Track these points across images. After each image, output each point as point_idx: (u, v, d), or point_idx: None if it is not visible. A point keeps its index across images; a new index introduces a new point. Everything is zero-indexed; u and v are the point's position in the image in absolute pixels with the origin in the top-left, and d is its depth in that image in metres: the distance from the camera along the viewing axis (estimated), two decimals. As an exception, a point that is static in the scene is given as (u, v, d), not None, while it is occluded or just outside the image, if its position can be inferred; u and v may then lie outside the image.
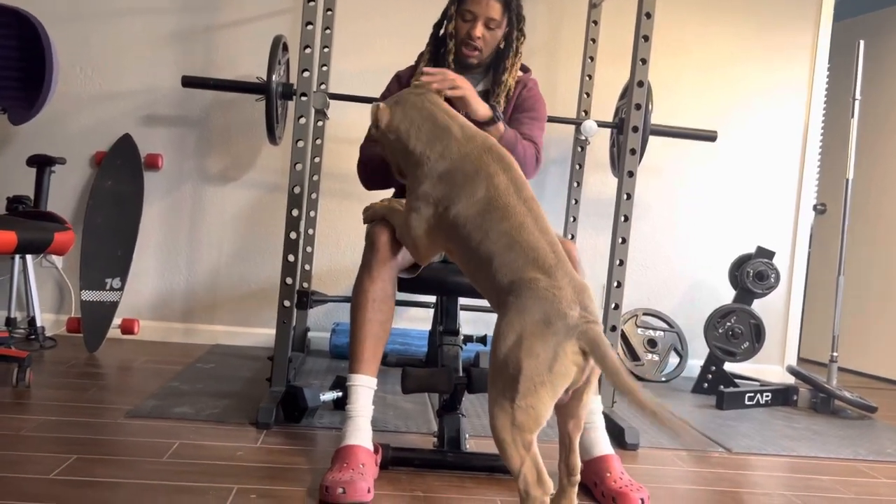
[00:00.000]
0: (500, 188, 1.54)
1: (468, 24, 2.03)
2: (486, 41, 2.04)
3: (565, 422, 1.45)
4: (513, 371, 1.32)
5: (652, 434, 2.37)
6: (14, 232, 2.20)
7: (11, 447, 1.77)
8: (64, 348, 2.98)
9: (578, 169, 3.27)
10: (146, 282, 3.34)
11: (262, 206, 3.38)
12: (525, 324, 1.34)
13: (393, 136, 1.69)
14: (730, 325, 3.16)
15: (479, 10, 2.01)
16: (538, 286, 1.38)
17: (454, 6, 2.06)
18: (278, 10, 3.36)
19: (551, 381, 1.31)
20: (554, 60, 3.48)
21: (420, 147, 1.64)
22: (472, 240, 1.51)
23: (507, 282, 1.43)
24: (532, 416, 1.31)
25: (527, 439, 1.33)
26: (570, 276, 1.42)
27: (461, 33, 2.04)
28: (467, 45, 2.04)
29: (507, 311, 1.38)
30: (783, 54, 3.61)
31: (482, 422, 2.34)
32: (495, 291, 1.47)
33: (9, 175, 3.22)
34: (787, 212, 3.65)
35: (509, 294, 1.41)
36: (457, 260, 1.61)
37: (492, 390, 1.36)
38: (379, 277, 1.77)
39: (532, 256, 1.44)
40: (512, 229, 1.48)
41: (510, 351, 1.33)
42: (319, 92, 2.77)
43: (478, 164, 1.57)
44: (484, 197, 1.53)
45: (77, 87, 3.29)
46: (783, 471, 2.13)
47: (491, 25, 2.03)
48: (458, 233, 1.54)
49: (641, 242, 3.56)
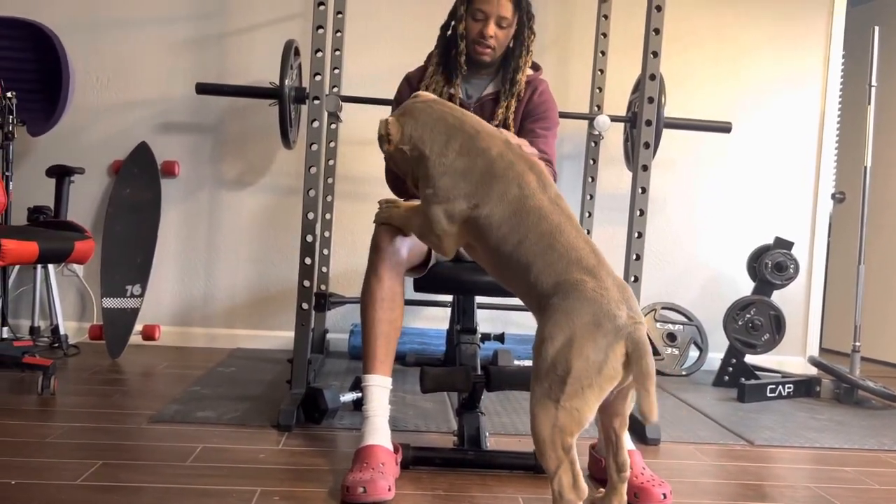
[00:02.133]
0: (532, 187, 1.52)
1: (480, 24, 2.03)
2: (499, 40, 2.04)
3: (610, 420, 1.44)
4: (561, 372, 1.31)
5: (673, 429, 2.36)
6: (35, 242, 2.23)
7: (38, 454, 1.80)
8: (87, 355, 3.02)
9: (592, 164, 3.26)
10: (166, 288, 3.37)
11: (278, 209, 3.41)
12: (574, 326, 1.32)
13: (408, 147, 1.64)
14: (749, 317, 3.13)
15: (491, 9, 2.01)
16: (585, 287, 1.37)
17: (464, 6, 2.05)
18: (289, 14, 3.38)
19: (599, 383, 1.30)
20: (565, 56, 3.47)
21: (437, 147, 1.60)
22: (509, 241, 1.49)
23: (551, 283, 1.41)
24: (576, 419, 1.30)
25: (567, 441, 1.32)
26: (612, 275, 1.41)
27: (473, 33, 2.04)
28: (480, 44, 2.04)
29: (554, 313, 1.36)
30: (797, 43, 3.58)
31: (501, 420, 2.35)
32: (535, 293, 1.44)
33: (29, 186, 3.26)
34: (805, 201, 3.61)
35: (553, 296, 1.39)
36: (481, 257, 1.59)
37: (536, 389, 1.34)
38: (385, 277, 1.78)
39: (574, 257, 1.42)
40: (552, 230, 1.46)
41: (559, 353, 1.32)
42: (332, 95, 2.78)
43: (503, 162, 1.55)
44: (517, 196, 1.51)
45: (93, 97, 3.33)
46: (807, 463, 2.11)
47: (502, 24, 2.03)
48: (491, 233, 1.51)
49: (658, 236, 3.54)
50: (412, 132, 1.64)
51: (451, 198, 1.56)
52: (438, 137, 1.61)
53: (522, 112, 2.11)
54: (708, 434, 2.34)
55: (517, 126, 2.10)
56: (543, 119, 2.11)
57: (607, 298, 1.34)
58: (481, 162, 1.56)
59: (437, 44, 2.13)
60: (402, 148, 1.65)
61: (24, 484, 1.60)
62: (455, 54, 2.07)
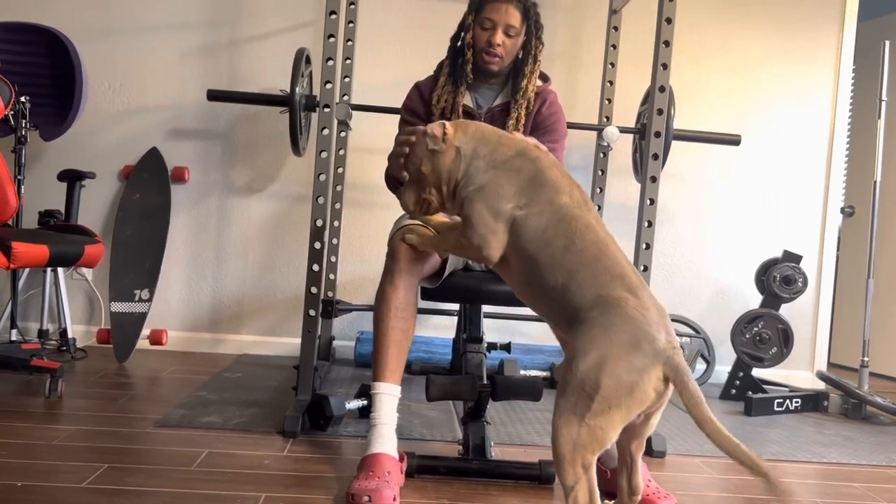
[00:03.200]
0: (578, 201, 1.51)
1: (487, 32, 2.03)
2: (506, 48, 2.04)
3: (629, 441, 1.42)
4: (589, 389, 1.28)
5: (679, 441, 2.35)
6: (46, 245, 2.25)
7: (45, 456, 1.80)
8: (94, 359, 3.03)
9: (601, 175, 3.26)
10: (174, 293, 3.39)
11: (287, 216, 3.42)
12: (611, 343, 1.29)
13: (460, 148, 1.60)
14: (757, 330, 3.12)
15: (499, 17, 2.01)
16: (627, 305, 1.34)
17: (472, 15, 2.07)
18: (301, 23, 3.40)
19: (628, 405, 1.27)
20: (575, 67, 3.48)
21: (487, 151, 1.58)
22: (552, 246, 1.45)
23: (592, 296, 1.38)
24: (598, 438, 1.28)
25: (587, 459, 1.29)
26: (653, 298, 1.39)
27: (481, 41, 2.05)
28: (488, 53, 2.04)
29: (592, 327, 1.33)
30: (807, 56, 3.58)
31: (507, 429, 2.34)
32: (572, 306, 1.40)
33: (41, 190, 3.29)
34: (815, 215, 3.60)
35: (592, 309, 1.36)
36: (514, 267, 1.53)
37: (562, 403, 1.31)
38: (401, 286, 1.78)
39: (619, 272, 1.40)
40: (599, 241, 1.44)
41: (590, 369, 1.28)
42: (342, 103, 2.80)
43: (553, 173, 1.54)
44: (566, 204, 1.49)
45: (105, 102, 3.36)
46: (814, 478, 2.09)
47: (510, 33, 2.03)
48: (534, 237, 1.47)
49: (666, 248, 3.54)
50: (463, 138, 1.62)
51: (499, 194, 1.52)
52: (489, 144, 1.60)
53: (532, 124, 2.11)
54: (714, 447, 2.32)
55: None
56: (552, 132, 2.11)
57: (648, 320, 1.32)
58: (530, 167, 1.54)
59: (448, 54, 2.14)
60: (456, 146, 1.60)
61: (30, 486, 1.61)
62: (462, 63, 2.08)
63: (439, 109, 2.09)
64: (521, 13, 2.03)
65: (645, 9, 3.38)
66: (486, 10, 2.03)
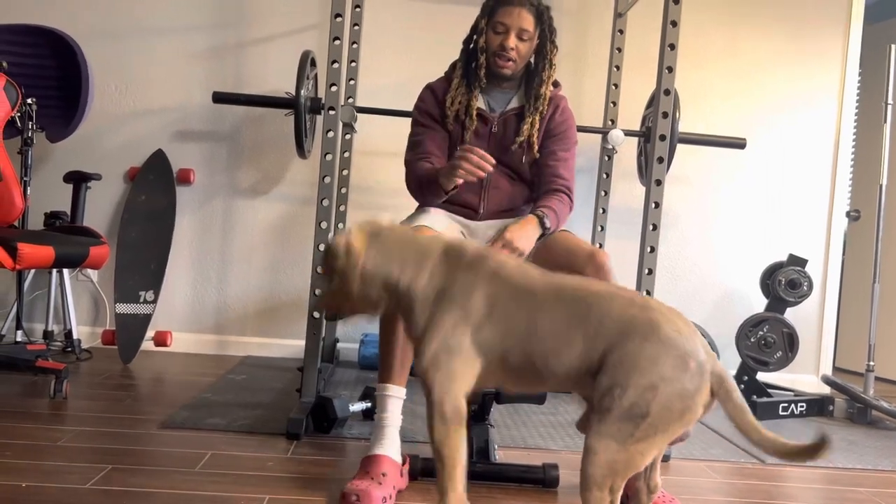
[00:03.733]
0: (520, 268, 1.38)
1: (501, 36, 2.02)
2: (520, 52, 2.03)
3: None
4: (637, 417, 1.21)
5: (683, 445, 2.34)
6: (51, 247, 2.25)
7: (49, 457, 1.81)
8: (99, 360, 3.04)
9: (606, 178, 3.25)
10: (179, 294, 3.40)
11: (292, 218, 3.42)
12: (662, 372, 1.21)
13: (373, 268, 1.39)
14: (762, 334, 3.11)
15: (512, 21, 2.00)
16: (661, 327, 1.25)
17: (485, 20, 2.06)
18: (306, 25, 3.41)
19: (675, 429, 1.22)
20: (580, 70, 3.48)
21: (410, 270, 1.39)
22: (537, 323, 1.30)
23: (614, 330, 1.26)
24: (635, 463, 1.22)
25: (618, 483, 1.23)
26: (664, 304, 1.31)
27: (493, 45, 2.04)
28: (501, 57, 2.03)
29: (637, 360, 1.22)
30: (813, 60, 3.57)
31: (510, 432, 2.34)
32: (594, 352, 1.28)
33: (47, 191, 3.30)
34: (820, 219, 3.59)
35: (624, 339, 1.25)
36: (514, 362, 1.33)
37: (602, 428, 1.22)
38: None
39: (622, 294, 1.30)
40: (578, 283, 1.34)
41: (640, 397, 1.21)
42: (347, 106, 2.80)
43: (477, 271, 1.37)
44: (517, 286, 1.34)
45: (111, 104, 3.37)
46: (819, 483, 2.09)
47: (523, 37, 2.02)
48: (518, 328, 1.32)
49: (671, 251, 3.53)
50: (377, 254, 1.39)
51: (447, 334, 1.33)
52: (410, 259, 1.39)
53: (544, 130, 2.11)
54: (719, 451, 2.32)
55: (539, 143, 2.10)
56: (564, 139, 2.11)
57: (683, 334, 1.25)
58: (460, 281, 1.36)
59: (461, 57, 2.13)
60: (366, 269, 1.38)
61: (35, 487, 1.61)
62: (475, 67, 2.07)
63: (453, 112, 2.08)
64: (534, 17, 2.02)
65: (650, 12, 3.38)
66: (498, 13, 2.02)
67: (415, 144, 2.11)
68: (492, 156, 2.07)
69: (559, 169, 2.07)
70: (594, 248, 1.90)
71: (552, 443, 2.26)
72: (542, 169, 2.10)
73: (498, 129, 2.09)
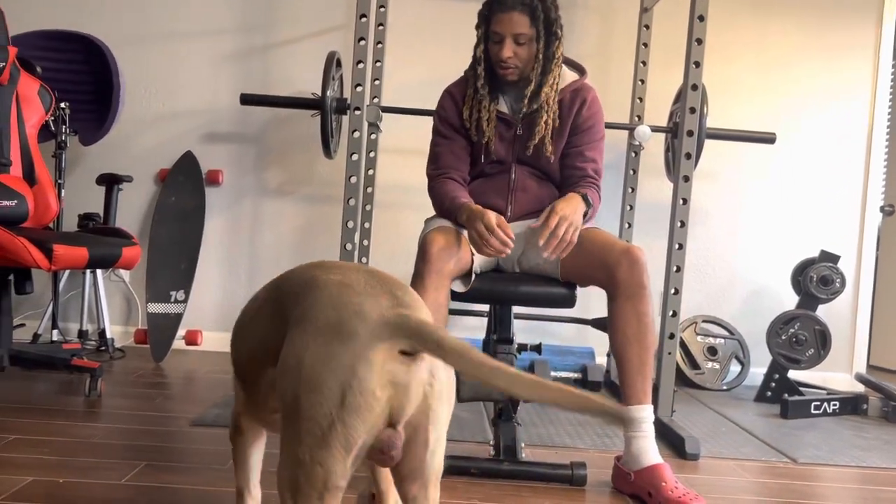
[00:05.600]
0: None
1: (497, 46, 1.96)
2: (520, 57, 1.96)
3: (402, 482, 1.00)
4: (291, 412, 0.92)
5: (713, 444, 2.32)
6: (85, 248, 2.30)
7: (85, 454, 1.85)
8: (132, 359, 3.10)
9: (633, 174, 3.23)
10: (209, 294, 3.44)
11: (319, 218, 3.45)
12: (305, 339, 0.91)
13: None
14: (793, 331, 3.07)
15: (505, 28, 1.93)
16: (324, 284, 0.98)
17: (482, 29, 2.00)
18: (332, 26, 3.43)
19: (344, 421, 0.89)
20: (606, 66, 3.46)
21: None
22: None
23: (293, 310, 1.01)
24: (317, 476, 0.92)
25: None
26: (361, 266, 1.06)
27: (494, 55, 1.97)
28: (501, 67, 1.97)
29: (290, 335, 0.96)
30: (844, 52, 3.51)
31: (538, 431, 2.34)
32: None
33: (80, 193, 3.36)
34: (853, 214, 3.53)
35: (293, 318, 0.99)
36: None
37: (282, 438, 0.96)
38: (431, 287, 1.79)
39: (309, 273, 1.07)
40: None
41: (287, 386, 0.92)
42: (372, 106, 2.82)
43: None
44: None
45: (141, 107, 3.43)
46: (852, 482, 2.05)
47: (521, 41, 1.94)
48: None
49: (699, 248, 3.49)
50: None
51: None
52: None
53: (570, 125, 2.04)
54: (749, 450, 2.29)
55: (563, 140, 2.04)
56: (591, 131, 2.04)
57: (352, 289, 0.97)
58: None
59: (470, 67, 2.07)
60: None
61: (72, 483, 1.65)
62: (483, 76, 2.01)
63: (472, 124, 2.02)
64: (528, 17, 1.93)
65: (677, 6, 3.35)
66: (493, 22, 1.95)
67: (435, 157, 2.07)
68: (517, 157, 2.05)
69: (588, 169, 2.03)
70: (629, 245, 1.86)
71: (580, 441, 2.26)
72: (569, 169, 2.05)
73: (523, 132, 2.05)
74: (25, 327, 3.28)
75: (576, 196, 1.93)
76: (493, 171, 2.06)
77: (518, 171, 2.05)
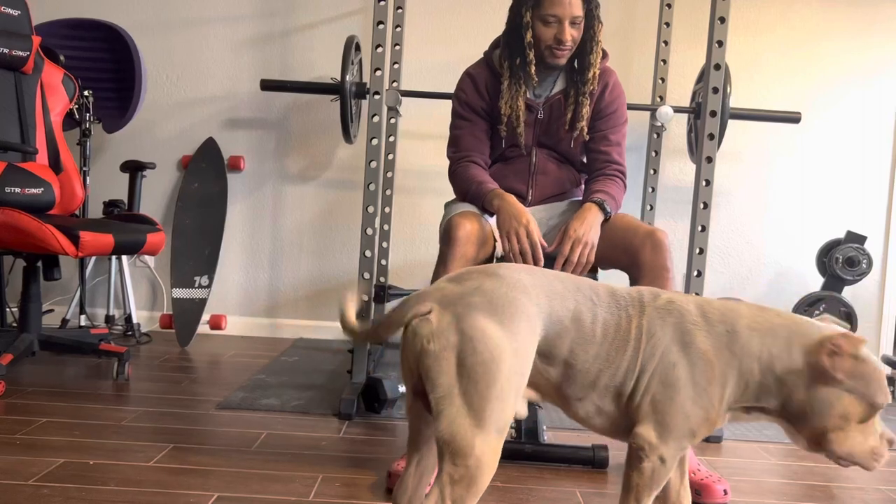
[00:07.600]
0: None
1: (553, 28, 1.92)
2: (575, 40, 1.95)
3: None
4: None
5: (736, 426, 2.31)
6: (111, 234, 2.33)
7: (114, 436, 1.89)
8: (158, 343, 3.15)
9: (655, 156, 3.20)
10: (232, 279, 3.48)
11: (340, 203, 3.47)
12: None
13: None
14: (818, 313, 3.03)
15: (563, 11, 1.90)
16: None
17: (529, 12, 1.95)
18: (350, 10, 3.43)
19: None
20: (628, 46, 3.42)
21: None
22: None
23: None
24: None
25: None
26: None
27: (546, 38, 1.94)
28: (558, 48, 1.94)
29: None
30: (873, 28, 3.43)
31: (559, 413, 2.34)
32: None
33: (105, 181, 3.41)
34: (881, 195, 3.47)
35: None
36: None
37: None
38: (454, 270, 1.79)
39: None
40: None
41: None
42: (391, 90, 2.81)
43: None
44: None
45: (163, 94, 3.45)
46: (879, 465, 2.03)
47: (576, 22, 1.93)
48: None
49: (723, 230, 3.46)
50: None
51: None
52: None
53: (593, 109, 2.02)
54: (773, 432, 2.28)
55: (588, 125, 2.02)
56: (614, 118, 2.03)
57: None
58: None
59: (503, 55, 2.02)
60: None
61: (102, 464, 1.68)
62: (521, 63, 1.97)
63: (510, 113, 1.99)
64: (582, 0, 1.92)
65: (699, -16, 3.29)
66: (545, 5, 1.92)
67: (455, 139, 2.05)
68: (539, 141, 2.03)
69: (612, 153, 2.02)
70: (653, 227, 1.84)
71: (601, 424, 2.26)
72: (594, 153, 2.03)
73: (544, 115, 2.03)
74: (54, 313, 3.34)
75: (592, 208, 1.90)
76: (513, 155, 2.05)
77: (539, 155, 2.04)
